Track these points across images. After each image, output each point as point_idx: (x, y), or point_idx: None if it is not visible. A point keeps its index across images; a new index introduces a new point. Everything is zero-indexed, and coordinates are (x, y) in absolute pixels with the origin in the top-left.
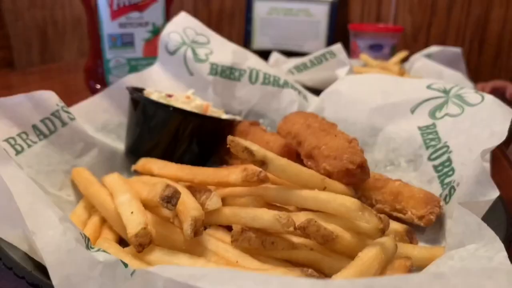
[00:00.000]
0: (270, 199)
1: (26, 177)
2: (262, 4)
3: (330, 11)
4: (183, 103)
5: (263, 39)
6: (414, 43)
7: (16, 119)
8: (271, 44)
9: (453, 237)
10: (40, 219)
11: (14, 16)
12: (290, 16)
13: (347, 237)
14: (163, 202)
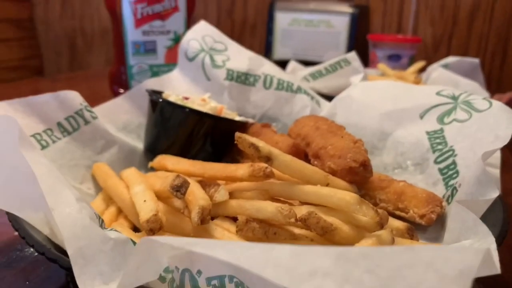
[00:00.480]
0: (274, 193)
1: (48, 162)
2: (284, 15)
3: (351, 22)
4: (199, 105)
5: (284, 49)
6: (435, 54)
7: (42, 116)
8: (291, 55)
9: (450, 233)
10: (59, 198)
11: (46, 27)
12: (311, 27)
13: (346, 229)
14: (173, 191)
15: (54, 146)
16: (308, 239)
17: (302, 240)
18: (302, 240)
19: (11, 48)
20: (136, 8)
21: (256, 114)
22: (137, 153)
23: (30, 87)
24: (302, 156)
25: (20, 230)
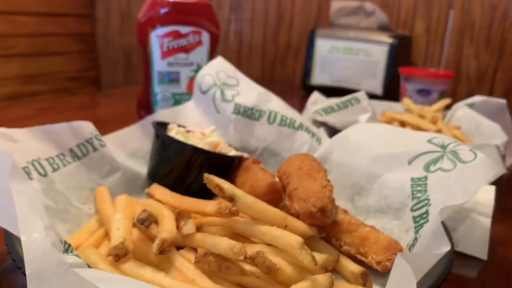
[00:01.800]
0: (237, 230)
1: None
2: (324, 42)
3: (389, 52)
4: (198, 139)
5: (322, 75)
6: (478, 87)
7: (57, 142)
8: (329, 81)
9: (390, 283)
10: (30, 225)
11: (105, 41)
12: (350, 55)
13: (288, 270)
14: (138, 223)
15: (64, 169)
16: (255, 275)
17: (250, 276)
18: (249, 276)
19: (72, 60)
20: (163, 42)
21: (259, 147)
22: (140, 178)
23: (87, 99)
24: (280, 194)
25: (9, 245)
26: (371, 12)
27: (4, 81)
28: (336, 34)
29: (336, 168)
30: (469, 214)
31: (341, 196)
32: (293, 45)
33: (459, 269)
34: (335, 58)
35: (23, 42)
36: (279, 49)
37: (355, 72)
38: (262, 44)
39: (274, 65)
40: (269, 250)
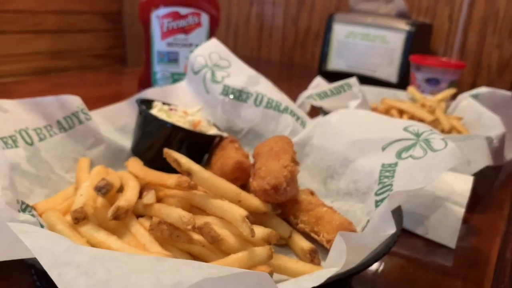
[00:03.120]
0: (194, 203)
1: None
2: (342, 27)
3: (406, 39)
4: (179, 117)
5: (338, 61)
6: (499, 78)
7: (45, 114)
8: (345, 67)
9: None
10: None
11: (132, 20)
12: (367, 41)
13: (231, 241)
14: (95, 190)
15: (51, 139)
16: (201, 244)
17: (197, 245)
18: (196, 245)
19: (99, 38)
20: (163, 22)
21: (244, 128)
22: (124, 152)
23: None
24: (247, 173)
25: None
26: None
27: (33, 56)
28: (353, 20)
29: (315, 152)
30: (443, 203)
31: (315, 178)
32: (313, 30)
33: (424, 255)
34: (351, 44)
35: (52, 18)
36: (299, 33)
37: (371, 59)
38: (283, 28)
39: (294, 49)
40: (218, 222)
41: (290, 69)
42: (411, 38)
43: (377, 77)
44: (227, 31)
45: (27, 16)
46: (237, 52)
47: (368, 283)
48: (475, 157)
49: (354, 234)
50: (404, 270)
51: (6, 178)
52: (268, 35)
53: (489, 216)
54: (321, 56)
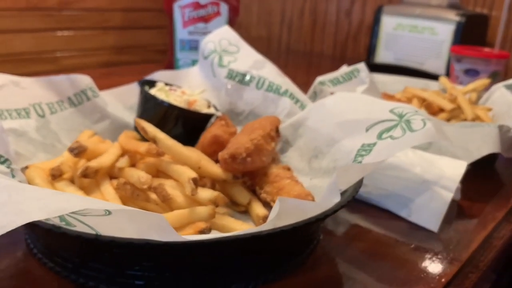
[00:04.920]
0: (160, 168)
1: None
2: (390, 19)
3: (455, 31)
4: (177, 96)
5: (386, 53)
6: None
7: (57, 91)
8: (393, 60)
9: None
10: None
11: None
12: (415, 33)
13: (179, 200)
14: (69, 151)
15: (61, 113)
16: (155, 203)
17: (152, 203)
18: (151, 203)
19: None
20: (184, 12)
21: (245, 110)
22: (129, 128)
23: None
24: (223, 146)
25: None
26: None
27: (100, 51)
28: (402, 11)
29: (307, 133)
30: (431, 187)
31: (303, 158)
32: (366, 23)
33: (401, 236)
34: (400, 36)
35: (118, 16)
36: (352, 26)
37: (419, 51)
38: (335, 21)
39: (346, 42)
40: (174, 185)
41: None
42: (461, 30)
43: (425, 70)
44: (281, 26)
45: (95, 14)
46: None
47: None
48: (479, 144)
49: (293, 199)
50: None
51: None
52: (321, 29)
53: (490, 206)
54: (369, 48)
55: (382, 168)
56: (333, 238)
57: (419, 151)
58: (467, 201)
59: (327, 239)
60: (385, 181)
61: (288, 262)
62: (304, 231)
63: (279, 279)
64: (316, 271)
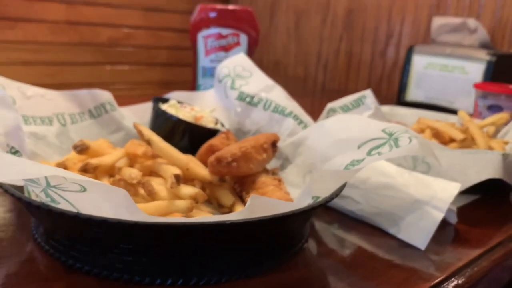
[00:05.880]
0: (153, 169)
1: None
2: (421, 58)
3: (486, 70)
4: (186, 112)
5: (417, 92)
6: None
7: (80, 103)
8: (423, 98)
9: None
10: None
11: None
12: (445, 72)
13: (162, 195)
14: (72, 148)
15: (81, 123)
16: (143, 197)
17: (140, 197)
18: (139, 197)
19: None
20: (207, 42)
21: (252, 129)
22: None
23: None
24: None
25: None
26: (474, 29)
27: (147, 85)
28: (432, 51)
29: (306, 151)
30: (423, 206)
31: (300, 174)
32: (400, 62)
33: (385, 251)
34: (430, 75)
35: (164, 53)
36: (386, 66)
37: (450, 90)
38: (370, 62)
39: (381, 81)
40: (161, 181)
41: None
42: (491, 69)
43: (455, 108)
44: (317, 65)
45: (143, 51)
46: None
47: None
48: (479, 169)
49: (266, 198)
50: (354, 257)
51: (6, 127)
52: (356, 69)
53: (489, 231)
54: (400, 87)
55: (377, 188)
56: (318, 247)
57: (416, 173)
58: (465, 225)
59: (312, 247)
60: (379, 199)
61: (266, 261)
62: (272, 228)
63: (254, 276)
64: (291, 273)
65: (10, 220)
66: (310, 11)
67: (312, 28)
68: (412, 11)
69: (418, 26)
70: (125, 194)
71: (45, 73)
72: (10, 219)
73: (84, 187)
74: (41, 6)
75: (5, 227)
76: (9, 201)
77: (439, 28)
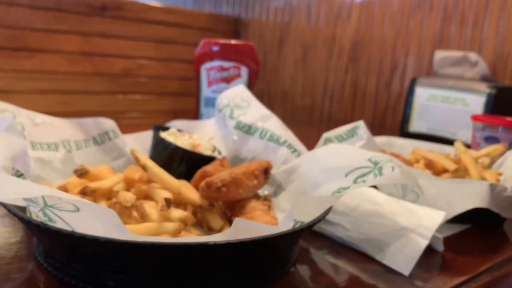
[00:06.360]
0: (147, 193)
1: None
2: (423, 90)
3: (486, 102)
4: (184, 140)
5: (420, 123)
6: None
7: (85, 131)
8: (426, 129)
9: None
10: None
11: None
12: (447, 104)
13: (154, 217)
14: (73, 172)
15: (86, 150)
16: (135, 218)
17: (133, 219)
18: (133, 219)
19: None
20: (209, 74)
21: (248, 157)
22: None
23: None
24: None
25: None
26: (475, 62)
27: (158, 114)
28: (435, 83)
29: (298, 178)
30: (408, 233)
31: (290, 200)
32: (404, 93)
33: (368, 276)
34: (433, 107)
35: (174, 83)
36: (391, 97)
37: (452, 122)
38: (375, 93)
39: (386, 112)
40: (153, 205)
41: (380, 130)
42: (492, 101)
43: (457, 139)
44: (323, 96)
45: (154, 81)
46: (332, 114)
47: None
48: (465, 199)
49: (250, 222)
50: (337, 281)
51: (13, 152)
52: (361, 99)
53: (475, 259)
54: (403, 118)
55: (365, 215)
56: (305, 272)
57: (403, 202)
58: (452, 253)
59: (299, 271)
60: (367, 226)
61: (252, 284)
62: (255, 250)
63: None
64: None
65: (13, 239)
66: (317, 44)
67: (319, 60)
68: (416, 44)
69: (421, 59)
70: (114, 215)
71: (60, 101)
72: (14, 238)
73: (77, 207)
74: (57, 37)
75: (9, 246)
76: (13, 222)
77: (441, 61)
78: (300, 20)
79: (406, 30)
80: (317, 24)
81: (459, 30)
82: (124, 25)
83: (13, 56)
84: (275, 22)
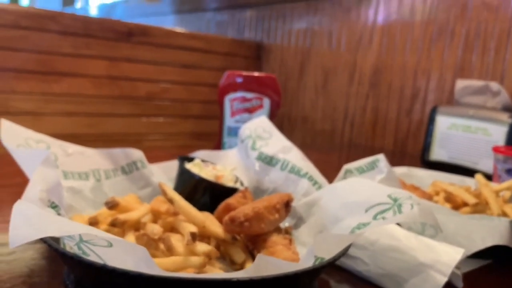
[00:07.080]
0: (174, 225)
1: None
2: (444, 119)
3: (509, 132)
4: (208, 171)
5: (440, 151)
6: None
7: (114, 161)
8: (447, 158)
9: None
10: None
11: None
12: (468, 133)
13: (180, 250)
14: (104, 204)
15: (114, 179)
16: (162, 251)
17: (159, 251)
18: (159, 251)
19: None
20: (233, 104)
21: (269, 188)
22: None
23: None
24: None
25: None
26: (497, 92)
27: (180, 136)
28: (456, 112)
29: (319, 212)
30: (426, 270)
31: (311, 233)
32: (425, 121)
33: None
34: (454, 136)
35: (197, 106)
36: (412, 124)
37: (473, 151)
38: (396, 119)
39: (407, 139)
40: (179, 238)
41: (401, 158)
42: None
43: (479, 169)
44: (344, 121)
45: (178, 104)
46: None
47: None
48: (484, 235)
49: (272, 258)
50: None
51: (48, 184)
52: (382, 126)
53: None
54: (424, 146)
55: (384, 250)
56: None
57: (422, 237)
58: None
59: None
60: (385, 261)
61: None
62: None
63: None
64: None
65: (44, 266)
66: (338, 69)
67: (339, 85)
68: (437, 71)
69: (443, 86)
70: (144, 251)
71: (86, 123)
72: (45, 266)
73: (110, 242)
74: (85, 62)
75: (40, 273)
76: (44, 250)
77: (463, 90)
78: (322, 45)
79: (427, 57)
80: (338, 49)
81: (481, 59)
82: (149, 50)
83: (43, 79)
84: (296, 47)
